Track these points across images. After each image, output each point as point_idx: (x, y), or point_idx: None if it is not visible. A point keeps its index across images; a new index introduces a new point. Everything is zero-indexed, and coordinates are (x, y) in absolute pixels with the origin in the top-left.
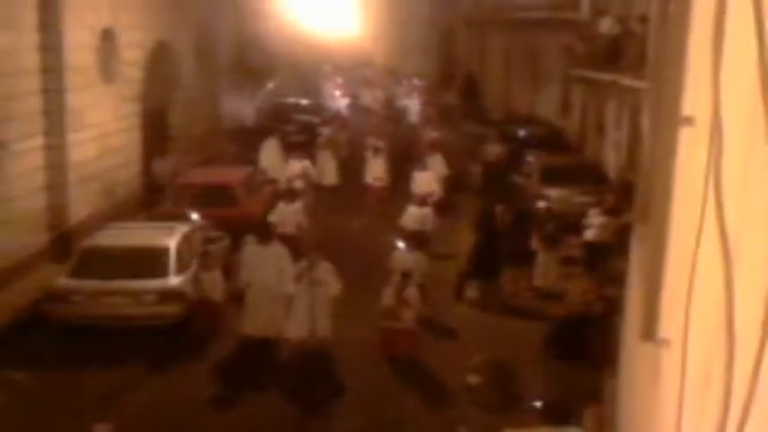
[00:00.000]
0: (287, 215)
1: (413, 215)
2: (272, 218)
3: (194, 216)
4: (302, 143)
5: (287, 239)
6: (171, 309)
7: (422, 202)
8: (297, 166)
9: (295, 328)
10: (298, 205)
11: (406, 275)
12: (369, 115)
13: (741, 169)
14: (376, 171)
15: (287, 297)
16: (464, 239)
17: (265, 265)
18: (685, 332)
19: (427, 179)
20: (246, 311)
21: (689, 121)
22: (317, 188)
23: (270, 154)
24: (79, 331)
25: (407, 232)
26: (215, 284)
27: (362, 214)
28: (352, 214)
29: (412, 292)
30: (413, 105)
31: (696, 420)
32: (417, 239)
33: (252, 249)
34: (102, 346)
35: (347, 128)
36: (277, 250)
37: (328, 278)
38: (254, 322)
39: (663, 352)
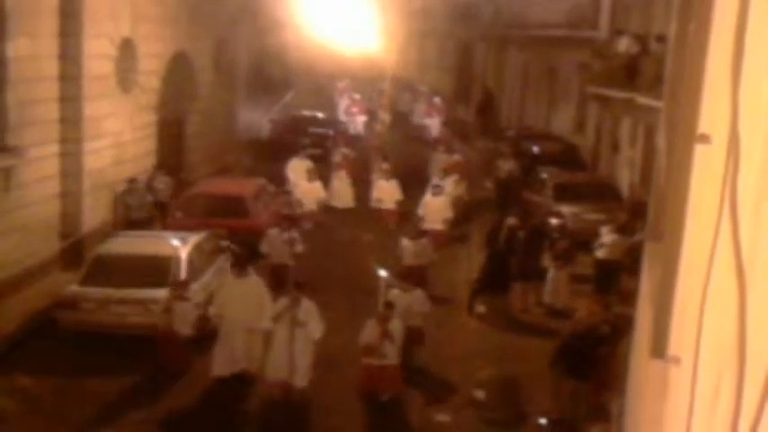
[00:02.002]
0: (280, 244)
1: (408, 249)
2: (264, 247)
3: (175, 241)
4: (317, 156)
5: (278, 270)
6: None
7: (417, 234)
8: (307, 188)
9: (272, 370)
10: (293, 233)
11: (388, 306)
12: (383, 136)
13: (757, 187)
14: (389, 194)
15: (263, 333)
16: (466, 278)
17: (241, 298)
18: (696, 349)
19: (440, 205)
20: (217, 349)
21: (705, 138)
22: (328, 210)
23: (298, 173)
24: (88, 338)
25: (403, 268)
26: (186, 317)
27: (372, 241)
28: (361, 241)
29: (396, 326)
30: (433, 124)
31: None
32: (414, 276)
33: (227, 282)
34: (111, 354)
35: (353, 146)
36: (254, 283)
37: (310, 319)
38: (225, 360)
39: (672, 369)
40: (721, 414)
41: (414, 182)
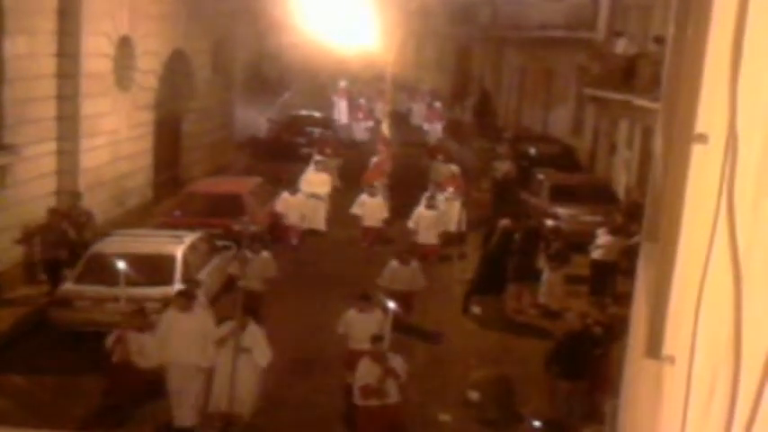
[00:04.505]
0: (251, 266)
1: (397, 273)
2: (232, 269)
3: (171, 240)
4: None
5: (248, 297)
6: None
7: (408, 257)
8: (290, 200)
9: (213, 401)
10: (266, 255)
11: (379, 340)
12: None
13: (754, 187)
14: (372, 211)
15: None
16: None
17: (185, 335)
18: (691, 349)
19: (434, 219)
20: (171, 396)
21: (702, 138)
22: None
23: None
24: (83, 336)
25: (389, 294)
26: (143, 349)
27: (351, 260)
28: (339, 260)
29: (397, 360)
30: (433, 130)
31: None
32: (400, 303)
33: (169, 316)
34: (105, 352)
35: (340, 155)
36: (199, 318)
37: (256, 345)
38: (179, 408)
39: (667, 369)
40: (716, 414)
41: (410, 193)
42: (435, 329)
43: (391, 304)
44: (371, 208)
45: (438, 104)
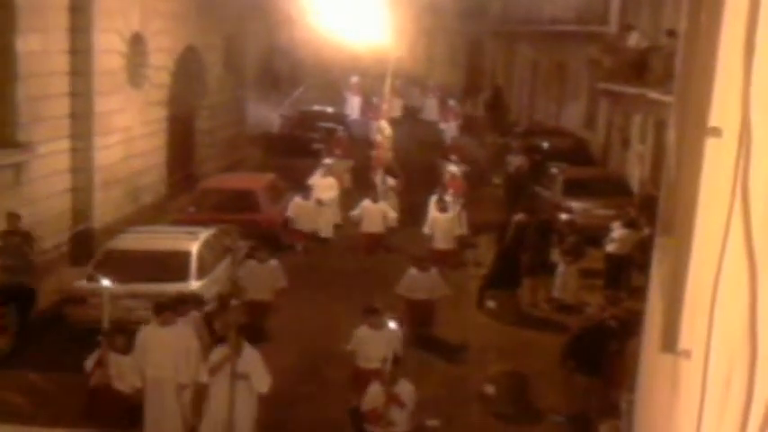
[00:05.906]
0: (258, 276)
1: (415, 281)
2: (226, 286)
3: (186, 236)
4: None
5: (255, 308)
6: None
7: (426, 263)
8: (301, 205)
9: (209, 429)
10: (273, 263)
11: (395, 363)
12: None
13: None
14: (374, 217)
15: (195, 390)
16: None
17: (165, 350)
18: (707, 343)
19: (448, 222)
20: (146, 410)
21: (716, 131)
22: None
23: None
24: (97, 333)
25: (408, 302)
26: (123, 372)
27: (359, 265)
28: (346, 264)
29: (405, 387)
30: (449, 129)
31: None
32: (420, 312)
33: (147, 331)
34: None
35: (350, 155)
36: (180, 333)
37: (254, 370)
38: (156, 423)
39: (683, 363)
40: (732, 407)
41: (420, 195)
42: (458, 341)
43: (392, 324)
44: (372, 213)
45: (453, 102)
